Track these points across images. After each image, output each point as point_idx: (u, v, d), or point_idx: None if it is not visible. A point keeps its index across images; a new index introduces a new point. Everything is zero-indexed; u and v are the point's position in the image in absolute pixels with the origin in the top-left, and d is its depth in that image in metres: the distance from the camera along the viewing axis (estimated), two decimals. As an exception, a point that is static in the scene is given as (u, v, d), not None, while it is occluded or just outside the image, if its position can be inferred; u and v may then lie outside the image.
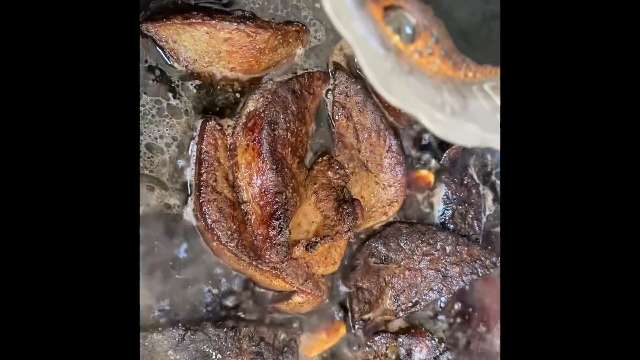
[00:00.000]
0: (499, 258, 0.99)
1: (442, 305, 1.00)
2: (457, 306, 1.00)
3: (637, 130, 0.53)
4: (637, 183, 0.54)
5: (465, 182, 1.00)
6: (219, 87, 0.87)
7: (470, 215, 1.01)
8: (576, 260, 0.55)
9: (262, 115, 0.83)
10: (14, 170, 0.53)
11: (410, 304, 0.96)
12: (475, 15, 0.58)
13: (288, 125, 0.85)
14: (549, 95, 0.54)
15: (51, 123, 0.54)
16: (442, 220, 1.00)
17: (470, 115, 0.55)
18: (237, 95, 0.88)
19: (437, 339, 0.97)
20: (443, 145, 0.96)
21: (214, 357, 0.83)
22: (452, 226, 1.00)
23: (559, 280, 0.56)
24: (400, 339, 0.96)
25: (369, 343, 0.95)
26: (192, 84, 0.86)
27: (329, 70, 0.91)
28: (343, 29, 0.49)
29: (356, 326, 0.95)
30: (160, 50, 0.84)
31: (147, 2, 0.85)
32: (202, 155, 0.83)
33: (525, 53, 0.54)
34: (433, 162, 0.98)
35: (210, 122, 0.84)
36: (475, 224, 1.02)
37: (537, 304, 0.56)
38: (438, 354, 0.98)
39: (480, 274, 0.98)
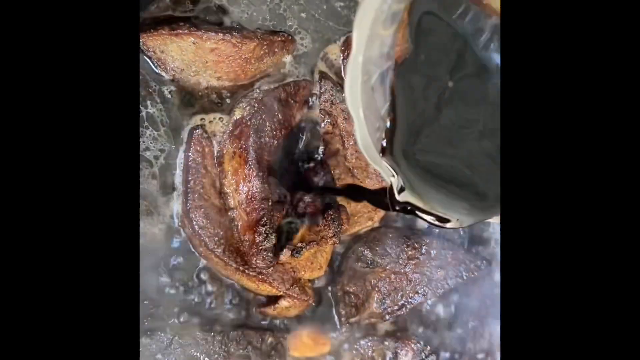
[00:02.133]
0: (484, 261, 1.01)
1: (428, 307, 1.01)
2: (444, 308, 1.02)
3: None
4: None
5: (450, 187, 1.02)
6: (199, 94, 0.88)
7: (455, 220, 1.03)
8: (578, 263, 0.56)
9: (249, 123, 0.84)
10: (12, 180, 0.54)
11: (396, 307, 0.97)
12: None
13: (274, 133, 0.86)
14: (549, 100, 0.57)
15: (48, 137, 0.55)
16: (428, 224, 1.01)
17: None
18: (217, 102, 0.89)
19: (422, 342, 0.99)
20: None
21: (201, 360, 0.85)
22: (437, 230, 1.01)
23: (558, 281, 0.56)
24: (386, 342, 0.97)
25: (355, 346, 0.97)
26: (167, 90, 0.87)
27: (315, 78, 0.93)
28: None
29: (343, 330, 0.96)
30: (147, 60, 0.86)
31: (136, 12, 0.87)
32: (190, 163, 0.85)
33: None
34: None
35: (197, 130, 0.86)
36: (460, 228, 1.03)
37: (537, 304, 0.57)
38: (424, 357, 0.99)
39: (464, 277, 1.00)
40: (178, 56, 0.84)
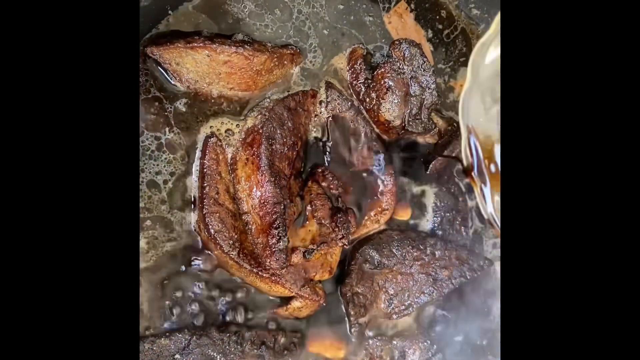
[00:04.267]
0: (487, 261, 1.05)
1: (434, 307, 1.04)
2: (449, 307, 1.05)
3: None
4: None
5: (452, 190, 1.06)
6: (210, 102, 0.93)
7: (457, 222, 1.07)
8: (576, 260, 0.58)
9: (260, 131, 0.88)
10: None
11: (403, 307, 1.01)
12: None
13: (284, 140, 0.90)
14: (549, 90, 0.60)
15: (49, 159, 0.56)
16: (432, 226, 1.05)
17: None
18: (229, 111, 0.93)
19: (429, 341, 1.02)
20: (430, 157, 1.02)
21: (218, 360, 0.87)
22: (440, 232, 1.05)
23: (555, 279, 0.59)
24: (394, 342, 1.00)
25: (364, 346, 1.00)
26: (181, 103, 0.91)
27: (322, 87, 0.97)
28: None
29: (352, 330, 0.99)
30: (163, 72, 0.90)
31: (150, 27, 0.91)
32: (205, 170, 0.88)
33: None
34: (421, 172, 1.04)
35: (212, 139, 0.89)
36: (463, 230, 1.07)
37: (536, 301, 0.59)
38: (430, 355, 1.02)
39: (468, 277, 1.03)
40: (193, 68, 0.88)
